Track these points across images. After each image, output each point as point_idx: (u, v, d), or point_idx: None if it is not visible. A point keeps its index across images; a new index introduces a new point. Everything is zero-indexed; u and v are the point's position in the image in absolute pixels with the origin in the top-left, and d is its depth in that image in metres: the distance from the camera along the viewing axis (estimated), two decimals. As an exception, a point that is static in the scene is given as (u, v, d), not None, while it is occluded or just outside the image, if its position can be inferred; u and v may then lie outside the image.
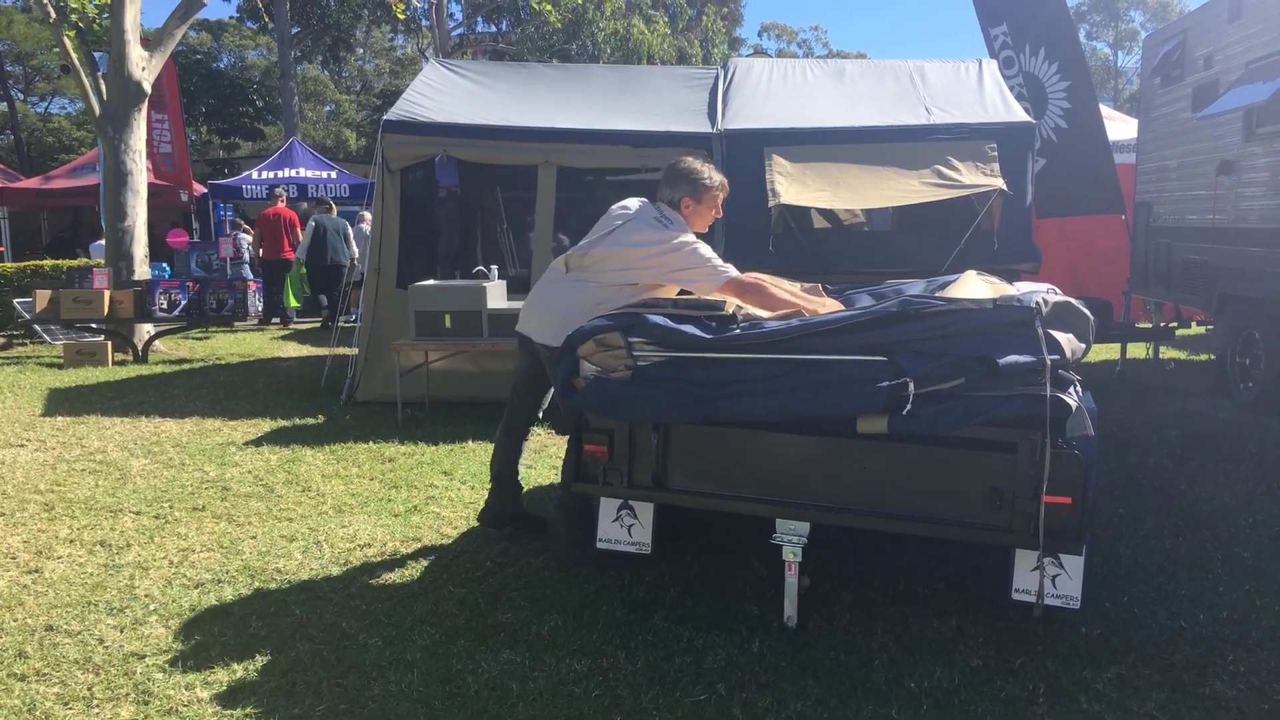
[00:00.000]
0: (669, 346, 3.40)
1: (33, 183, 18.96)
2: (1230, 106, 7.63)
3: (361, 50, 39.57)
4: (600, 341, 3.48)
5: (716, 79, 8.49)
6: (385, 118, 7.59)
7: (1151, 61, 9.52)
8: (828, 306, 3.83)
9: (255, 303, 10.85)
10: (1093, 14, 38.32)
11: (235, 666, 3.24)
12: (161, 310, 10.40)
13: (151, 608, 3.72)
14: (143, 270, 11.15)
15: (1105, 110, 11.73)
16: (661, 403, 3.36)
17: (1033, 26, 10.18)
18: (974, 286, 3.72)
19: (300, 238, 13.53)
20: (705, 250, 3.97)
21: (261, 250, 13.91)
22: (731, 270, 3.93)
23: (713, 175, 4.14)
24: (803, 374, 3.22)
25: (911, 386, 3.08)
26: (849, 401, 3.16)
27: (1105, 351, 10.07)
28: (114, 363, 10.14)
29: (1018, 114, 7.42)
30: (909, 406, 3.06)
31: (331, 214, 13.61)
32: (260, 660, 3.29)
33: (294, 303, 14.34)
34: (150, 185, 11.78)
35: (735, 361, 3.31)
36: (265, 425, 7.01)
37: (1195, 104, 8.45)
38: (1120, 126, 12.45)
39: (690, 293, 3.99)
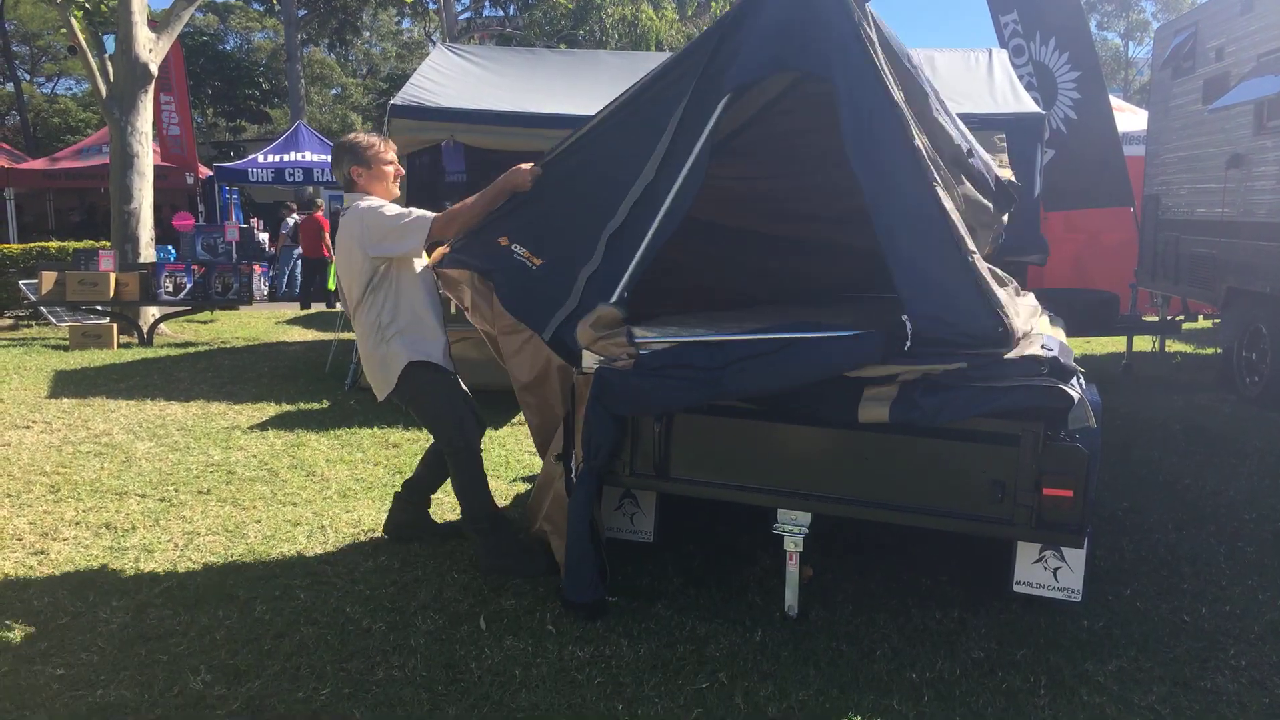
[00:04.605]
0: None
1: (39, 164, 18.96)
2: (1241, 99, 7.58)
3: (368, 33, 39.42)
4: (598, 324, 3.47)
5: (724, 66, 8.43)
6: (392, 102, 7.57)
7: (1163, 53, 9.46)
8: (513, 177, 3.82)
9: (261, 286, 10.85)
10: (1104, 4, 38.01)
11: (239, 650, 3.26)
12: (167, 293, 10.42)
13: (156, 590, 3.74)
14: (148, 253, 11.17)
15: (1115, 101, 11.66)
16: (668, 391, 3.36)
17: (1043, 15, 10.11)
18: None
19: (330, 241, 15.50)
20: (392, 209, 3.87)
21: (301, 249, 15.74)
22: (426, 212, 3.83)
23: (369, 137, 4.04)
24: (801, 346, 3.25)
25: (909, 325, 3.09)
26: (849, 355, 3.17)
27: (1111, 344, 10.04)
28: (119, 345, 10.16)
29: (1027, 104, 7.38)
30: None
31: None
32: (264, 644, 3.31)
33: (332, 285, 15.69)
34: (156, 167, 11.79)
35: (736, 343, 3.33)
36: (270, 409, 7.03)
37: (1206, 96, 8.39)
38: (1130, 118, 12.39)
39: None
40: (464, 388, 4.15)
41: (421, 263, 4.00)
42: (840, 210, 4.82)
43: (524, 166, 3.87)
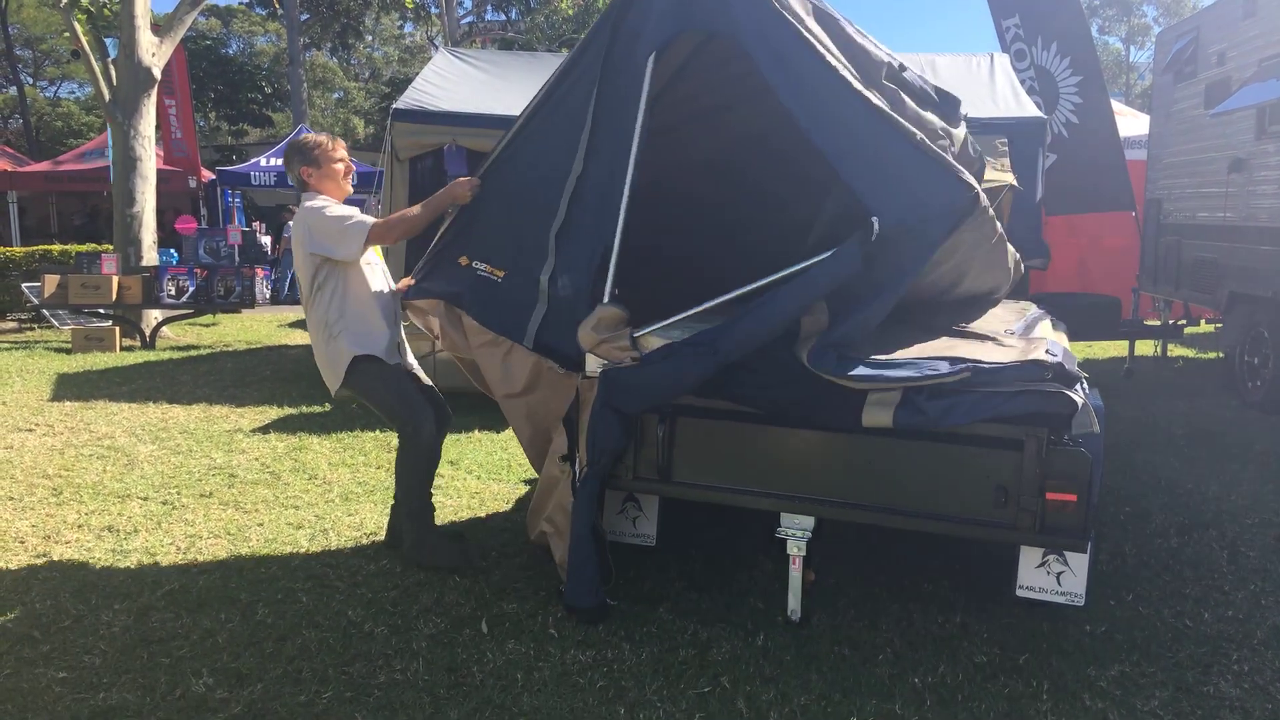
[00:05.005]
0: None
1: (42, 167, 19.00)
2: (1243, 104, 7.59)
3: (370, 37, 39.48)
4: (600, 326, 3.47)
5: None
6: (395, 106, 7.58)
7: (1164, 57, 9.46)
8: (456, 191, 3.91)
9: (263, 290, 10.85)
10: (1105, 8, 38.04)
11: (242, 653, 3.26)
12: (169, 296, 10.43)
13: (159, 593, 3.74)
14: (151, 256, 11.18)
15: (1117, 106, 11.66)
16: (673, 372, 3.35)
17: (1045, 20, 10.12)
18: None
19: None
20: (335, 211, 3.92)
21: None
22: (368, 219, 3.91)
23: (317, 136, 4.10)
24: (784, 282, 3.29)
25: (877, 224, 3.09)
26: (831, 272, 3.18)
27: (1113, 349, 10.05)
28: (122, 348, 10.17)
29: (1029, 109, 7.39)
30: (874, 234, 3.09)
31: None
32: (266, 647, 3.31)
33: None
34: (159, 171, 11.81)
35: (725, 306, 3.37)
36: (272, 413, 7.03)
37: (1208, 101, 8.40)
38: (1132, 122, 12.38)
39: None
40: (425, 382, 4.24)
41: (371, 261, 4.05)
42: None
43: (462, 180, 3.94)
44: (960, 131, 3.91)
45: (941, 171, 3.15)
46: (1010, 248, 4.23)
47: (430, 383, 4.30)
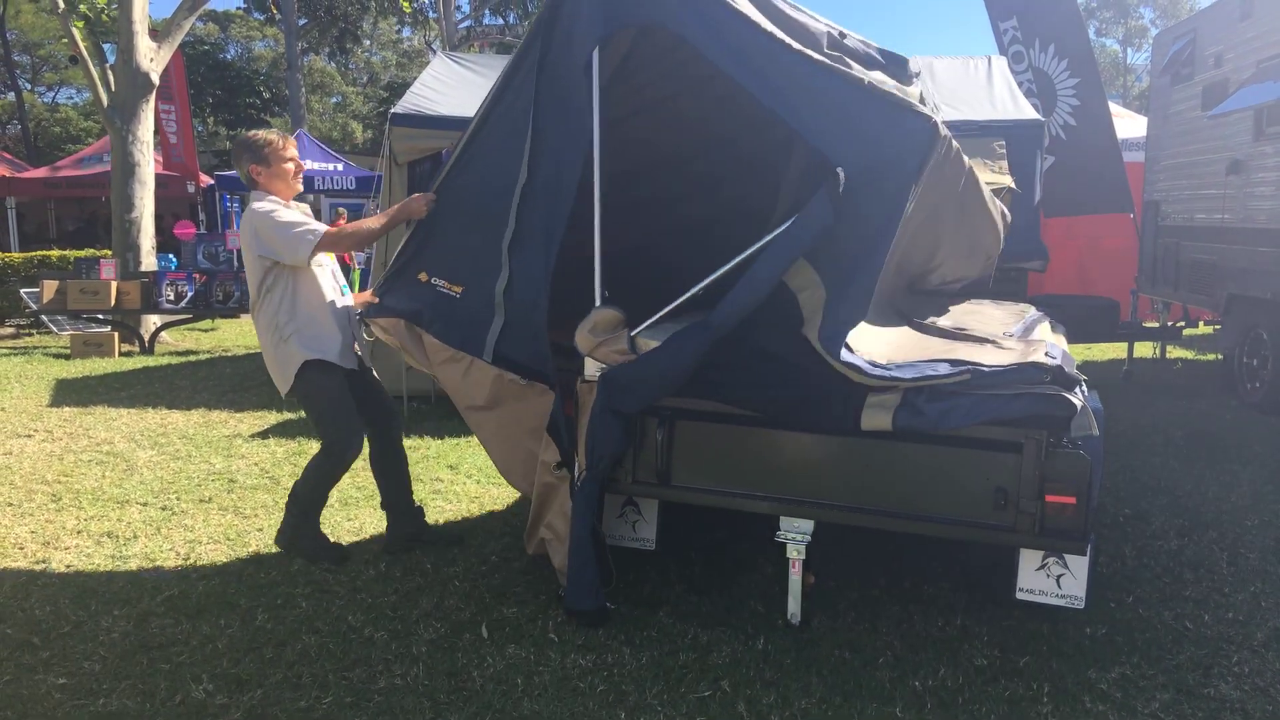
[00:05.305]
0: None
1: (40, 173, 18.98)
2: (1240, 105, 7.60)
3: (368, 42, 39.49)
4: (596, 329, 3.47)
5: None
6: (393, 111, 7.59)
7: (1161, 59, 9.47)
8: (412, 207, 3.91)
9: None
10: (1102, 10, 38.12)
11: (242, 659, 3.26)
12: (168, 302, 10.43)
13: (158, 599, 3.74)
14: (150, 261, 11.18)
15: (1114, 108, 11.68)
16: (669, 361, 3.35)
17: (1042, 22, 10.14)
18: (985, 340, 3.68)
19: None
20: (285, 216, 3.91)
21: None
22: (319, 226, 3.90)
23: (266, 134, 4.05)
24: (764, 249, 3.28)
25: (841, 174, 3.08)
26: (806, 227, 3.16)
27: (1112, 351, 10.06)
28: (120, 354, 10.16)
29: (1027, 111, 7.40)
30: (840, 189, 3.08)
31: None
32: (266, 653, 3.30)
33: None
34: (157, 176, 11.81)
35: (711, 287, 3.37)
36: (271, 418, 7.03)
37: (1205, 103, 8.41)
38: (1129, 124, 12.40)
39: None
40: (375, 387, 4.23)
41: (322, 262, 4.05)
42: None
43: (418, 195, 3.94)
44: (915, 89, 3.91)
45: (895, 109, 3.15)
46: (987, 191, 4.14)
47: (380, 385, 4.29)
